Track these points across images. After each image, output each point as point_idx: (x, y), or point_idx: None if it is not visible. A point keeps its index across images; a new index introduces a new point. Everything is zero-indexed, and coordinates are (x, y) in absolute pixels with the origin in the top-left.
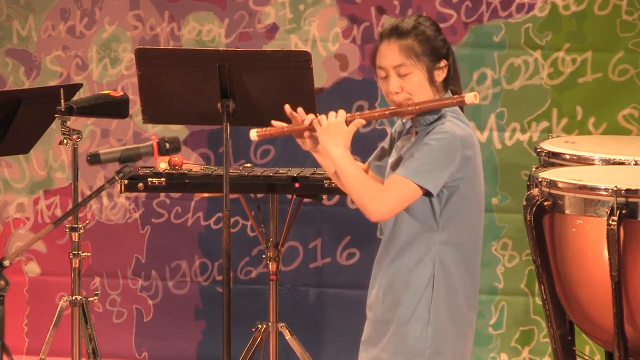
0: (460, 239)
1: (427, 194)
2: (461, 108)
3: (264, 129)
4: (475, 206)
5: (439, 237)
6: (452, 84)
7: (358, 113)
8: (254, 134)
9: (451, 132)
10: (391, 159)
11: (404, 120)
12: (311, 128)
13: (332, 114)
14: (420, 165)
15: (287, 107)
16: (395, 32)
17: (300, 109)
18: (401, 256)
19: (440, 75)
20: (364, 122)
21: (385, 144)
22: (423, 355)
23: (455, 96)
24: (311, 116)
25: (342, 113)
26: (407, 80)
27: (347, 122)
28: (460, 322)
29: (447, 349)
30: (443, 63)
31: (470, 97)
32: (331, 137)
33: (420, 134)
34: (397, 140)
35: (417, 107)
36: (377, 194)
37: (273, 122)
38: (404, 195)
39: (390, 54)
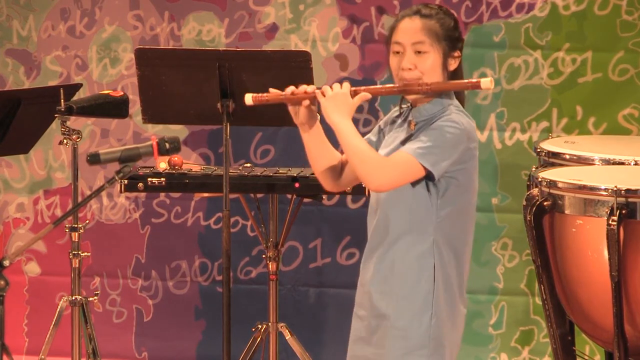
0: (455, 231)
1: (429, 177)
2: (462, 101)
3: (261, 94)
4: (471, 199)
5: (436, 229)
6: (457, 79)
7: (364, 87)
8: (249, 98)
9: (460, 123)
10: (386, 149)
11: (402, 111)
12: (312, 98)
13: (336, 85)
14: (428, 147)
15: (287, 90)
16: (419, 13)
17: (300, 86)
18: (397, 249)
19: (452, 65)
20: (369, 96)
21: (372, 135)
22: (427, 347)
23: (471, 79)
24: (313, 86)
25: (346, 85)
26: (422, 59)
27: (352, 94)
28: (455, 314)
29: (446, 340)
30: (457, 53)
31: (486, 83)
32: (336, 106)
33: (422, 126)
34: (388, 132)
35: (428, 86)
36: (380, 165)
37: (271, 89)
38: (406, 172)
39: (411, 29)
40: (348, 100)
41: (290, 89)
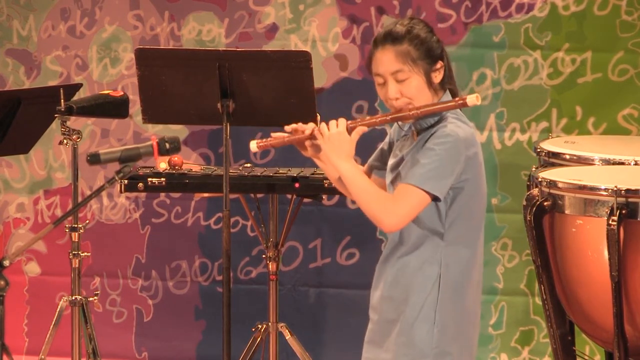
0: (466, 239)
1: (435, 199)
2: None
3: (264, 140)
4: (480, 205)
5: (445, 238)
6: (449, 83)
7: (359, 120)
8: (254, 145)
9: (454, 135)
10: (391, 160)
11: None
12: (312, 137)
13: (332, 123)
14: (427, 172)
15: (287, 127)
16: (390, 38)
17: (299, 124)
18: (407, 257)
19: (437, 77)
20: (366, 129)
21: (384, 145)
22: (428, 356)
23: (457, 99)
24: (312, 125)
25: (342, 122)
26: (405, 86)
27: (349, 130)
28: (465, 322)
29: (453, 350)
30: (439, 64)
31: (472, 99)
32: (335, 148)
33: (422, 136)
34: (396, 140)
35: (418, 112)
36: (388, 206)
37: (272, 133)
38: (414, 205)
39: (386, 60)
40: (346, 139)
41: (291, 127)
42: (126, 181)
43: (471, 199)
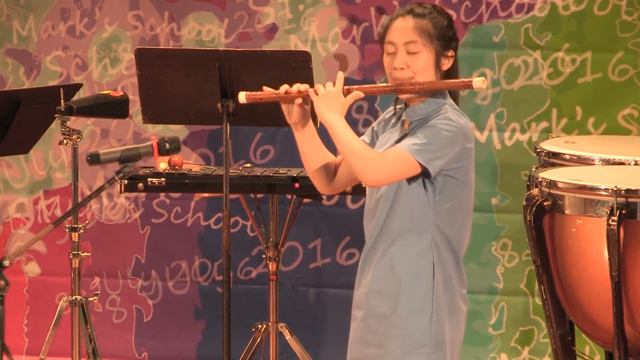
0: (452, 229)
1: (425, 174)
2: (455, 100)
3: (254, 92)
4: (469, 198)
5: (434, 227)
6: (453, 77)
7: (357, 86)
8: (242, 96)
9: (457, 122)
10: (379, 149)
11: (395, 111)
12: (305, 97)
13: (329, 83)
14: (424, 144)
15: (281, 88)
16: (412, 12)
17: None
18: (395, 248)
19: (445, 64)
20: (362, 95)
21: (365, 137)
22: (428, 346)
23: (463, 79)
24: (306, 85)
25: (339, 82)
26: (414, 59)
27: (345, 92)
28: (456, 311)
29: (447, 338)
30: (451, 53)
31: (478, 82)
32: (329, 104)
33: (417, 124)
34: (381, 132)
35: (420, 86)
36: (375, 160)
37: (265, 87)
38: (401, 167)
39: (404, 29)
40: (340, 99)
41: (284, 87)
42: (126, 181)
43: (462, 190)
